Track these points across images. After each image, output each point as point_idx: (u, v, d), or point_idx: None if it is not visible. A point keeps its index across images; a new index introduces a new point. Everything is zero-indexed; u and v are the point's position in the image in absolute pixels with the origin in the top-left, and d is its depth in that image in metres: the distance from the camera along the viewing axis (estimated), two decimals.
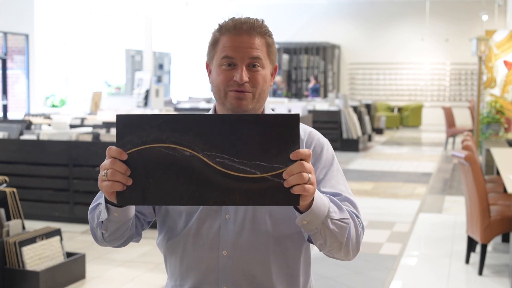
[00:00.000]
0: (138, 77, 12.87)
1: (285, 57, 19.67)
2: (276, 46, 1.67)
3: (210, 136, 1.35)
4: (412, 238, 5.95)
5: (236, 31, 1.57)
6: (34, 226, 5.34)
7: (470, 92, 19.50)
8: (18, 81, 13.88)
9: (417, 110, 19.05)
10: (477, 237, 4.79)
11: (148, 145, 1.36)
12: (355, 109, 13.79)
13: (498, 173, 6.17)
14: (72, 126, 7.73)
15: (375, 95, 20.26)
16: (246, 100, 1.57)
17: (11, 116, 12.60)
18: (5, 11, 12.73)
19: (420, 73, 19.96)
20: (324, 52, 19.74)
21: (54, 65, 15.11)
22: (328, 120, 12.84)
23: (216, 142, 1.35)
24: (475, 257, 5.17)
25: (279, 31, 19.39)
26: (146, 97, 12.53)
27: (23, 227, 4.60)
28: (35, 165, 6.52)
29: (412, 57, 19.88)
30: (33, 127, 7.27)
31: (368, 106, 15.53)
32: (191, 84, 20.10)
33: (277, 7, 20.36)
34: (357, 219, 1.59)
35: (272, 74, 1.65)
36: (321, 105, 13.36)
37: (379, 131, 16.46)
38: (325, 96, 18.90)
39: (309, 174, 1.35)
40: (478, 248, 5.23)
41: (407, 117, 19.01)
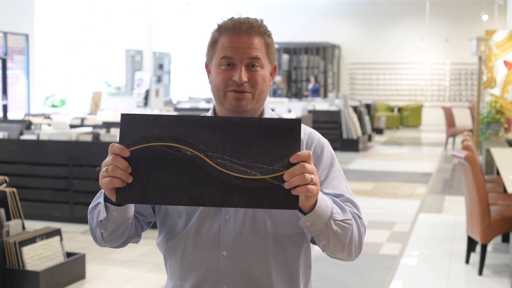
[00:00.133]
0: (138, 77, 12.87)
1: (285, 57, 19.67)
2: (276, 46, 1.67)
3: (213, 137, 1.36)
4: (412, 238, 5.94)
5: (235, 31, 1.57)
6: (34, 226, 5.34)
7: (470, 92, 19.50)
8: (18, 81, 13.87)
9: (417, 110, 19.04)
10: (477, 237, 4.79)
11: (151, 143, 1.37)
12: (355, 109, 13.79)
13: (498, 173, 6.17)
14: (72, 126, 7.73)
15: (375, 95, 20.26)
16: (245, 100, 1.56)
17: (11, 116, 12.59)
18: (5, 11, 12.72)
19: (420, 73, 19.96)
20: (324, 52, 19.73)
21: (54, 65, 15.11)
22: (328, 120, 12.84)
23: (218, 143, 1.36)
24: (475, 257, 5.17)
25: (279, 31, 19.39)
26: (146, 97, 12.53)
27: (23, 227, 4.60)
28: (35, 165, 6.53)
29: (412, 57, 19.88)
30: (33, 127, 7.26)
31: (368, 106, 15.53)
32: (191, 84, 20.09)
33: (277, 7, 20.36)
34: (360, 220, 1.60)
35: (272, 74, 1.65)
36: (321, 105, 13.36)
37: (379, 131, 16.46)
38: (325, 96, 18.89)
39: (311, 175, 1.35)
40: (478, 248, 5.23)
41: (407, 117, 19.01)
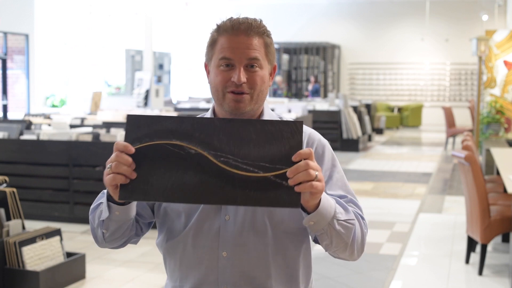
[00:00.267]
0: (138, 77, 12.88)
1: (285, 57, 19.67)
2: (276, 46, 1.67)
3: (216, 137, 1.39)
4: (412, 238, 5.94)
5: (234, 31, 1.57)
6: (34, 226, 5.34)
7: (470, 92, 19.49)
8: (18, 81, 13.87)
9: (417, 110, 19.04)
10: (477, 237, 4.79)
11: (155, 141, 1.39)
12: (355, 109, 13.79)
13: (498, 173, 6.16)
14: (72, 126, 7.73)
15: (375, 95, 20.26)
16: (243, 102, 1.56)
17: (11, 116, 12.59)
18: (5, 11, 12.72)
19: (420, 73, 19.96)
20: (324, 52, 19.73)
21: (54, 65, 15.11)
22: (328, 120, 12.84)
23: (221, 143, 1.39)
24: (475, 257, 5.17)
25: (279, 31, 19.39)
26: (146, 97, 12.53)
27: (23, 227, 4.60)
28: (35, 165, 6.52)
29: (412, 57, 19.88)
30: (33, 127, 7.27)
31: (368, 106, 15.53)
32: (191, 84, 20.09)
33: (277, 7, 20.35)
34: (362, 220, 1.61)
35: (271, 74, 1.64)
36: (321, 105, 13.35)
37: (379, 131, 16.46)
38: (325, 96, 18.89)
39: (316, 172, 1.36)
40: (478, 248, 5.23)
41: (407, 117, 19.00)
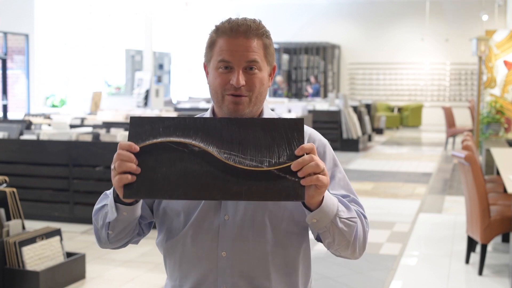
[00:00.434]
0: (138, 77, 12.88)
1: (285, 57, 19.66)
2: (276, 46, 1.67)
3: (219, 136, 1.42)
4: (412, 238, 5.95)
5: (233, 33, 1.56)
6: (34, 226, 5.34)
7: (470, 92, 19.49)
8: (18, 81, 13.87)
9: (417, 110, 19.04)
10: (477, 237, 4.79)
11: (159, 140, 1.41)
12: (355, 109, 13.79)
13: (498, 173, 6.17)
14: (72, 126, 7.73)
15: (375, 95, 20.26)
16: (242, 105, 1.56)
17: (11, 116, 12.59)
18: (5, 11, 12.72)
19: (420, 73, 19.96)
20: (324, 52, 19.73)
21: (54, 65, 15.11)
22: (328, 120, 12.84)
23: (225, 141, 1.41)
24: (475, 257, 5.17)
25: (279, 31, 19.38)
26: (146, 97, 12.53)
27: (23, 227, 4.60)
28: (35, 165, 6.52)
29: (412, 57, 19.88)
30: (33, 127, 7.27)
31: (368, 106, 15.53)
32: (191, 84, 20.08)
33: (277, 7, 20.35)
34: (365, 219, 1.62)
35: (271, 74, 1.64)
36: (321, 105, 13.35)
37: (379, 131, 16.46)
38: (325, 96, 18.89)
39: (322, 165, 1.37)
40: (478, 248, 5.23)
41: (407, 117, 19.00)
